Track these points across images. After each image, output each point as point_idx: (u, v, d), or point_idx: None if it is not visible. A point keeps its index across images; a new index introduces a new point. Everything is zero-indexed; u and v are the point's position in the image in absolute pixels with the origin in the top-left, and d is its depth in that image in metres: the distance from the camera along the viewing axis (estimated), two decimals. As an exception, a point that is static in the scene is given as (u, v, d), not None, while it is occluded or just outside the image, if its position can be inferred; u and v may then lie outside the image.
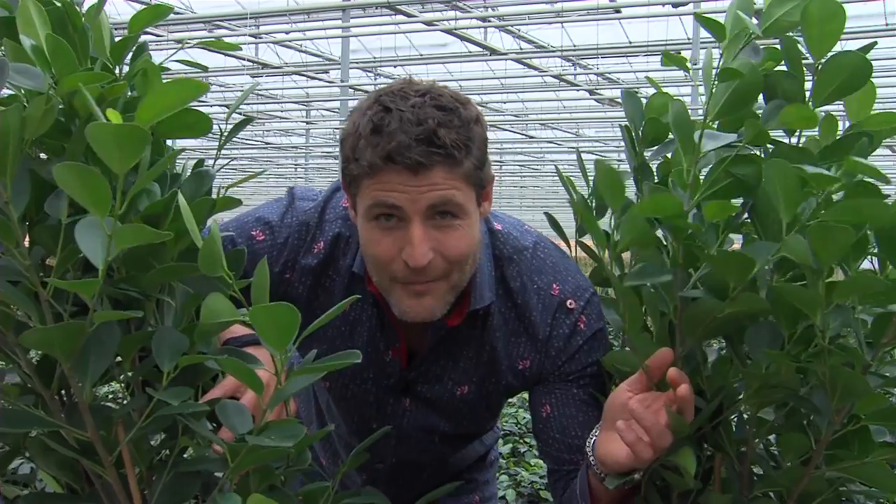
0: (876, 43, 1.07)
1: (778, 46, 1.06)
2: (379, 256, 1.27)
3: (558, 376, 1.43)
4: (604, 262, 1.48)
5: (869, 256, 1.07)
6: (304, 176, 24.32)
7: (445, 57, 12.93)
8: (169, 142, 0.99)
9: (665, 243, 1.17)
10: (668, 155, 1.24)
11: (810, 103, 1.03)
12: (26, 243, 0.89)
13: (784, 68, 1.06)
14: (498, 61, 13.13)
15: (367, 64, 13.49)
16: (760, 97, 1.07)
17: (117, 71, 0.98)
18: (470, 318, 1.41)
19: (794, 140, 1.08)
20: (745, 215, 1.11)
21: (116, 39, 0.98)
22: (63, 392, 1.04)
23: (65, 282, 0.80)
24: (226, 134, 1.06)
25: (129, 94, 0.96)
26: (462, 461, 1.77)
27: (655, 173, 1.30)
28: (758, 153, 1.09)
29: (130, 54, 0.99)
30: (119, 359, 1.00)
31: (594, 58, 12.21)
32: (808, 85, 1.05)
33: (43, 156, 0.93)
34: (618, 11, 10.02)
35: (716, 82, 1.04)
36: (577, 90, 14.35)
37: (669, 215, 1.04)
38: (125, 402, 1.02)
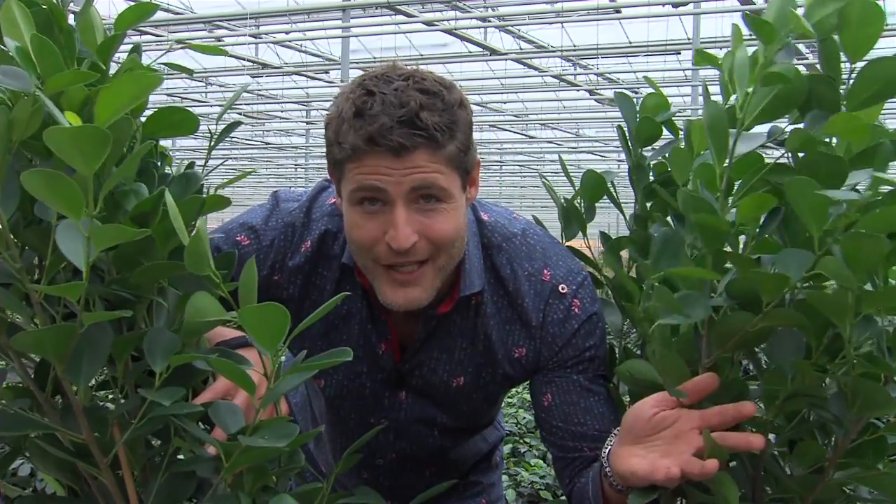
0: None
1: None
2: (362, 239, 1.27)
3: (556, 363, 1.42)
4: (618, 275, 1.46)
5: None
6: (304, 176, 24.32)
7: (445, 57, 12.93)
8: (169, 142, 0.98)
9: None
10: (667, 154, 1.23)
11: (843, 109, 1.01)
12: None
13: (818, 72, 1.03)
14: (498, 61, 13.13)
15: (367, 64, 13.47)
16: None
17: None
18: (462, 307, 1.41)
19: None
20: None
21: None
22: (60, 394, 1.03)
23: (50, 287, 0.80)
24: (217, 135, 1.05)
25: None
26: (465, 460, 1.75)
27: (651, 173, 1.30)
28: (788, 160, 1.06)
29: (127, 54, 0.99)
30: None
31: (594, 58, 12.21)
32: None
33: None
34: (618, 11, 10.02)
35: (752, 86, 1.01)
36: (577, 90, 14.35)
37: (707, 222, 1.01)
38: (122, 402, 1.02)
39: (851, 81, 0.97)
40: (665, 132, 1.30)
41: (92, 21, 0.92)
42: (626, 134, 1.32)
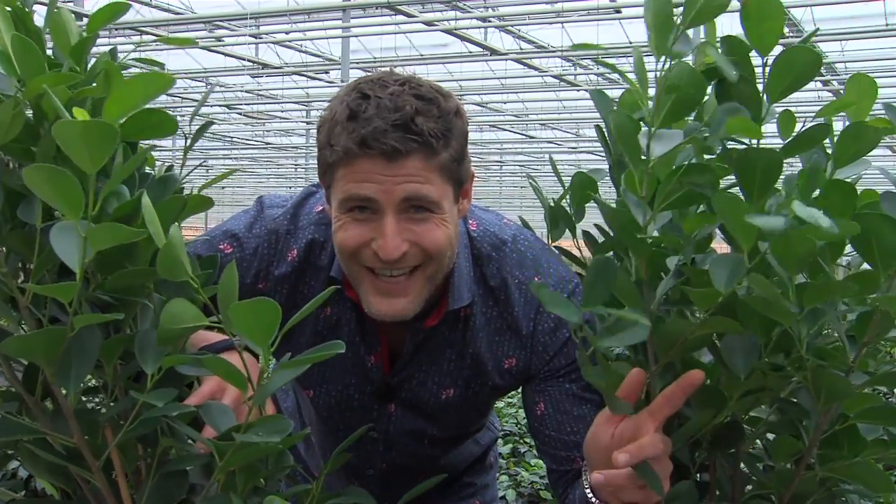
0: (818, 29, 1.04)
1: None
2: (348, 243, 1.24)
3: (548, 372, 1.41)
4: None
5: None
6: (304, 176, 24.33)
7: (445, 57, 12.93)
8: (168, 142, 0.98)
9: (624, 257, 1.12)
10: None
11: (765, 98, 1.01)
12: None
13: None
14: (498, 61, 13.13)
15: (367, 64, 13.48)
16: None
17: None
18: (450, 319, 1.39)
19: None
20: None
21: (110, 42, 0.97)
22: (49, 397, 1.03)
23: (43, 287, 0.79)
24: (191, 136, 1.04)
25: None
26: (456, 465, 1.74)
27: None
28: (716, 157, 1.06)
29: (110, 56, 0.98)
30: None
31: (594, 58, 12.20)
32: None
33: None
34: (618, 11, 10.03)
35: (654, 89, 1.02)
36: (578, 90, 14.35)
37: (626, 232, 1.00)
38: (112, 405, 1.01)
39: (768, 74, 0.98)
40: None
41: (64, 23, 0.91)
42: (605, 132, 1.31)
